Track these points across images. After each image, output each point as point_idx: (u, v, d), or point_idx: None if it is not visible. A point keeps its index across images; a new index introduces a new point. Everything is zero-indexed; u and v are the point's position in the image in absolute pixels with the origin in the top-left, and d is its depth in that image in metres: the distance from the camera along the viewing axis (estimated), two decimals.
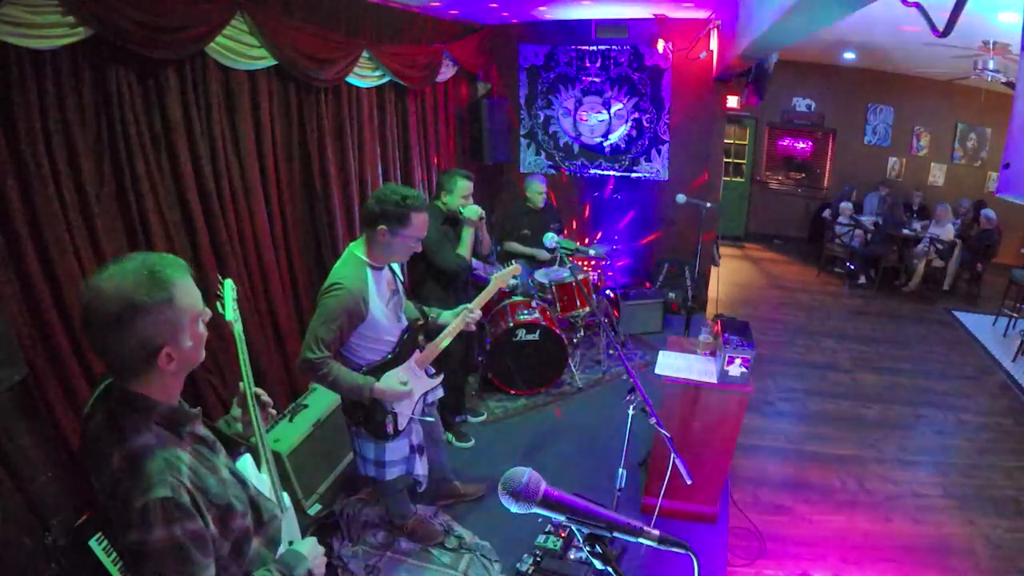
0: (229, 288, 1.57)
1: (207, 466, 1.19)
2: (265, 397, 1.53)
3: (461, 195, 3.18)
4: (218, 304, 1.54)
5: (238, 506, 1.20)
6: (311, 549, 1.38)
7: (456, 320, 2.55)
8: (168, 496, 1.03)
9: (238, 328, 1.54)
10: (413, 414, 2.52)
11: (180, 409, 1.18)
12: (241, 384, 1.49)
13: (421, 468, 2.64)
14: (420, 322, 2.59)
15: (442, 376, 2.70)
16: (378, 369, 2.36)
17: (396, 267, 2.53)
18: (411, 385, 2.41)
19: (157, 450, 1.08)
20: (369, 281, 2.25)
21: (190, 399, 1.27)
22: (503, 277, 2.68)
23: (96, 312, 1.03)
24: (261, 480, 1.54)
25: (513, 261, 2.84)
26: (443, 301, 3.09)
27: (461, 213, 3.16)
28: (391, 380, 2.34)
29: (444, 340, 2.55)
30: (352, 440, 2.59)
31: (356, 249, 2.30)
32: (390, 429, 2.42)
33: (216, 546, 1.12)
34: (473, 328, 2.62)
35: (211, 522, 1.12)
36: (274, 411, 1.58)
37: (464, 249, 3.17)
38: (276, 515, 1.40)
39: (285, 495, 1.63)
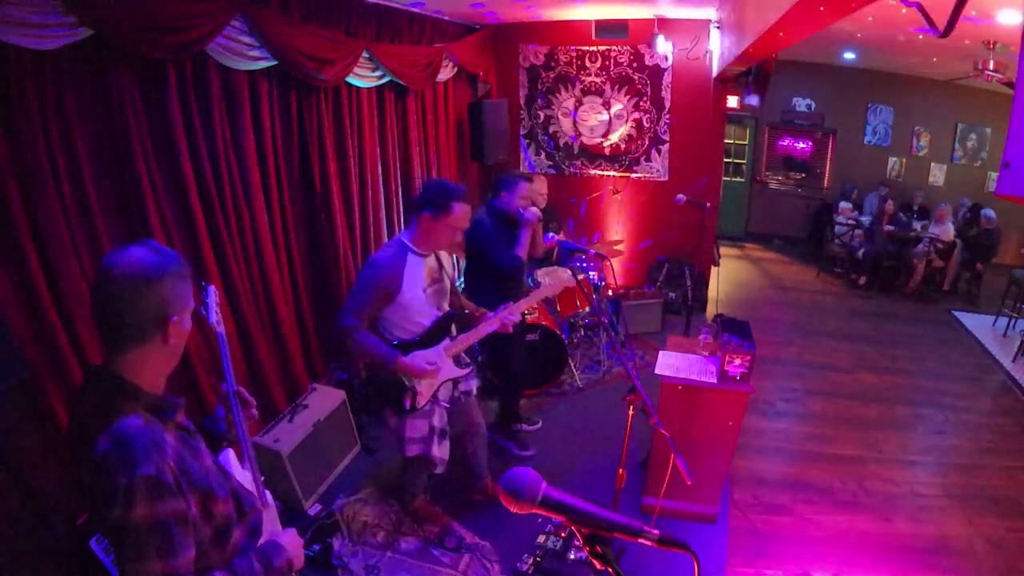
0: (212, 294, 1.66)
1: (191, 452, 1.22)
2: (248, 397, 1.57)
3: (520, 196, 3.15)
4: (201, 308, 1.60)
5: (220, 493, 1.23)
6: (291, 539, 1.40)
7: (493, 319, 2.64)
8: (152, 474, 1.06)
9: (220, 331, 1.63)
10: (437, 397, 2.61)
11: (165, 398, 1.22)
12: (223, 384, 1.54)
13: (439, 451, 2.70)
14: (453, 313, 2.67)
15: (471, 367, 2.76)
16: (406, 348, 2.47)
17: (446, 258, 2.62)
18: (437, 368, 2.51)
19: (144, 432, 1.11)
20: (407, 263, 2.41)
21: (191, 400, 1.29)
22: (556, 286, 2.77)
23: (123, 273, 1.11)
24: (243, 475, 1.57)
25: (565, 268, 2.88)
26: (496, 301, 3.15)
27: (520, 214, 3.14)
28: (417, 358, 2.44)
29: (475, 335, 2.62)
30: (383, 413, 2.71)
31: (403, 235, 2.48)
32: (407, 405, 2.52)
33: (196, 530, 1.15)
34: (509, 330, 2.69)
35: (193, 505, 1.14)
36: (256, 412, 1.63)
37: (520, 249, 3.13)
38: (256, 507, 1.42)
39: (267, 492, 1.66)
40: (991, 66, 4.40)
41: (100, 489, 1.06)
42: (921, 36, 4.79)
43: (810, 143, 9.14)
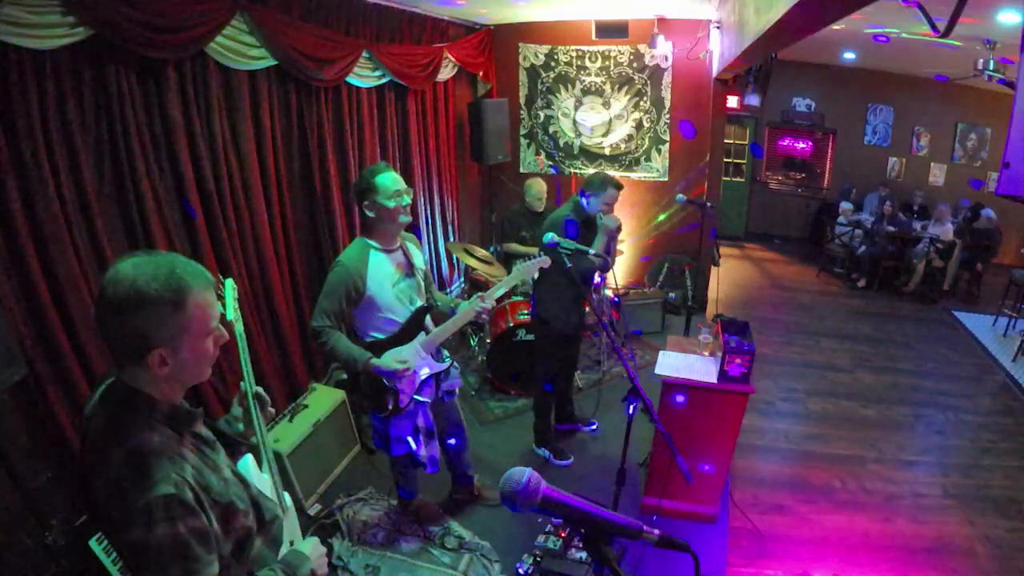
0: (230, 288, 1.61)
1: (209, 465, 1.18)
2: (265, 396, 1.53)
3: (604, 202, 3.09)
4: (219, 304, 1.56)
5: (240, 505, 1.20)
6: (313, 549, 1.38)
7: (466, 309, 2.55)
8: (171, 493, 1.03)
9: (239, 328, 1.57)
10: (421, 396, 2.57)
11: (182, 409, 1.17)
12: (242, 383, 1.50)
13: (426, 450, 2.66)
14: (427, 307, 2.60)
15: (450, 362, 2.71)
16: (381, 346, 2.43)
17: (415, 252, 2.57)
18: (413, 366, 2.45)
19: (160, 448, 1.08)
20: (370, 261, 2.37)
21: (191, 399, 1.27)
22: (529, 269, 2.66)
23: (108, 291, 1.03)
24: (262, 480, 1.55)
25: (537, 255, 2.74)
26: (569, 303, 3.13)
27: (599, 219, 3.09)
28: (388, 358, 2.39)
29: (451, 327, 2.56)
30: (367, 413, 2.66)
31: (364, 233, 2.45)
32: (389, 405, 2.48)
33: (218, 545, 1.12)
34: (484, 319, 2.64)
35: (214, 520, 1.11)
36: (273, 410, 1.58)
37: (598, 246, 3.02)
38: (278, 515, 1.40)
39: (286, 495, 1.64)
40: (991, 66, 4.40)
41: (117, 508, 1.03)
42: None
43: (810, 143, 9.14)
